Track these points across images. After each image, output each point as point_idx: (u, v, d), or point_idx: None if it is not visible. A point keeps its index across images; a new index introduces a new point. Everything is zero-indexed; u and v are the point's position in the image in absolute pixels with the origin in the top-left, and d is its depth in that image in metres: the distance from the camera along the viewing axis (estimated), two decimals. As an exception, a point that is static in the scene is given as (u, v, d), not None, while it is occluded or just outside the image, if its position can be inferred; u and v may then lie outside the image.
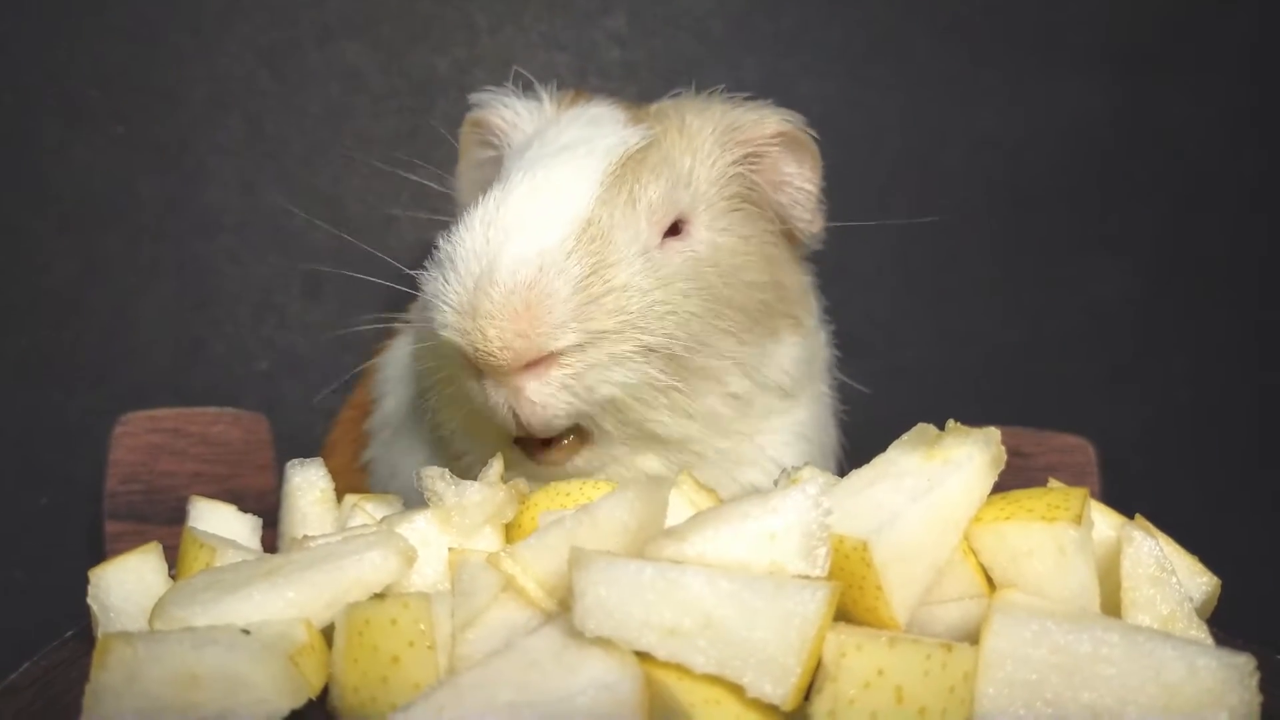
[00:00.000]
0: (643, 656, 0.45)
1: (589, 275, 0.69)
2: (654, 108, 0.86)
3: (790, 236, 0.88)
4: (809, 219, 0.87)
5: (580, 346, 0.68)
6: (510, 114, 0.84)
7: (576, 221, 0.70)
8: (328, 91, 1.34)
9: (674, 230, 0.77)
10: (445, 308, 0.69)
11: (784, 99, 1.39)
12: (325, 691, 0.51)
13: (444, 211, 1.03)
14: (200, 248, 1.33)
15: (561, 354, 0.68)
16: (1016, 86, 1.42)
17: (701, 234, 0.79)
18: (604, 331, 0.69)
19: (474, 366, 0.69)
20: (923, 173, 1.41)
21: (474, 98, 0.87)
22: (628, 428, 0.73)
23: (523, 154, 0.77)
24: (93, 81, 1.30)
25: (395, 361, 0.96)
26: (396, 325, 0.99)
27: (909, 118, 1.41)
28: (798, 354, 0.85)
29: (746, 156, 0.84)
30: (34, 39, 1.28)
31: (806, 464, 0.72)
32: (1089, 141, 1.43)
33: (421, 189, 1.37)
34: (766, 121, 0.84)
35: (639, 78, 1.37)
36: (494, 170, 0.83)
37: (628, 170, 0.75)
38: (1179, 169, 1.45)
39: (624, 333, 0.69)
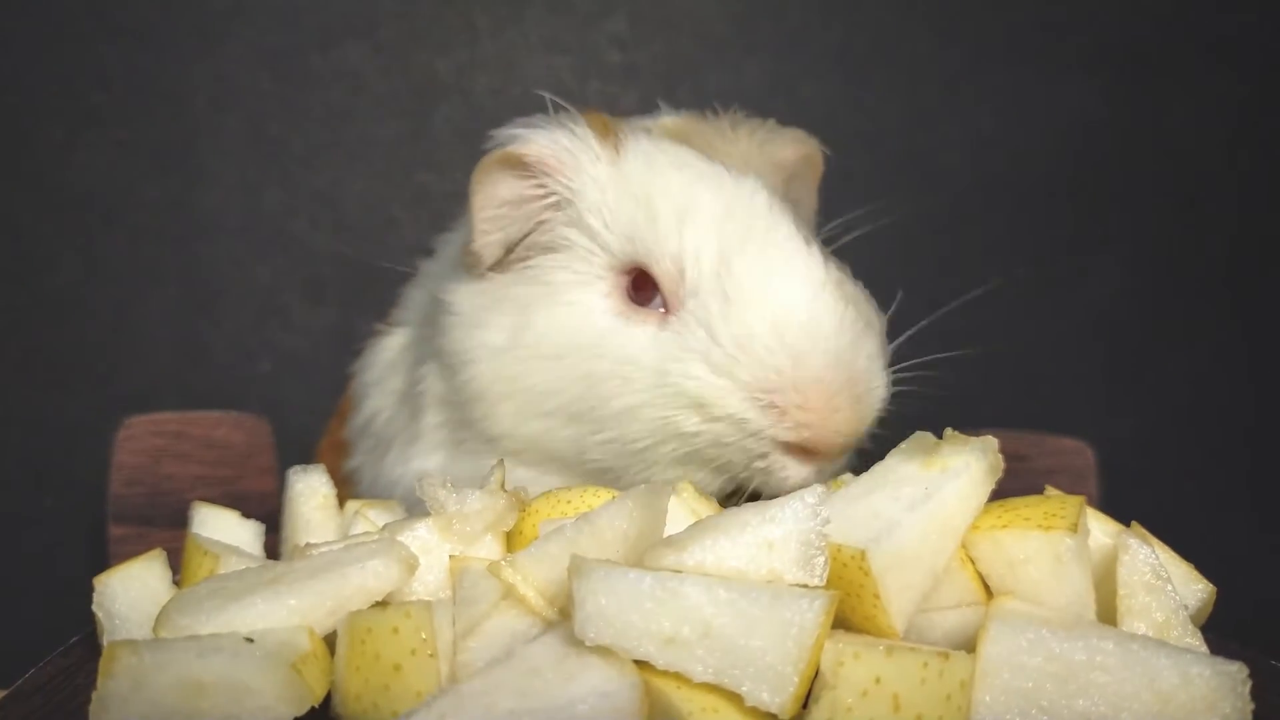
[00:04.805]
0: (642, 665, 0.45)
1: (876, 348, 0.75)
2: (682, 128, 0.85)
3: None
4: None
5: None
6: (567, 155, 0.79)
7: (842, 301, 0.73)
8: (329, 94, 1.34)
9: None
10: (795, 408, 0.71)
11: (785, 101, 1.40)
12: (328, 699, 0.52)
13: (445, 214, 1.04)
14: (202, 250, 1.34)
15: None
16: (1016, 88, 1.42)
17: None
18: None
19: (800, 450, 0.72)
20: (923, 174, 1.41)
21: (508, 133, 0.81)
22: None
23: (672, 226, 0.75)
24: (95, 84, 1.30)
25: (377, 363, 0.94)
26: (378, 327, 0.98)
27: (909, 119, 1.41)
28: None
29: (787, 180, 0.85)
30: (37, 42, 1.29)
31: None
32: (1088, 143, 1.44)
33: (423, 191, 1.38)
34: (801, 144, 0.87)
35: (640, 80, 1.37)
36: (539, 209, 0.79)
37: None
38: (1177, 170, 1.45)
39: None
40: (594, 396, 0.74)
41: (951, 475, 0.54)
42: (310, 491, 0.69)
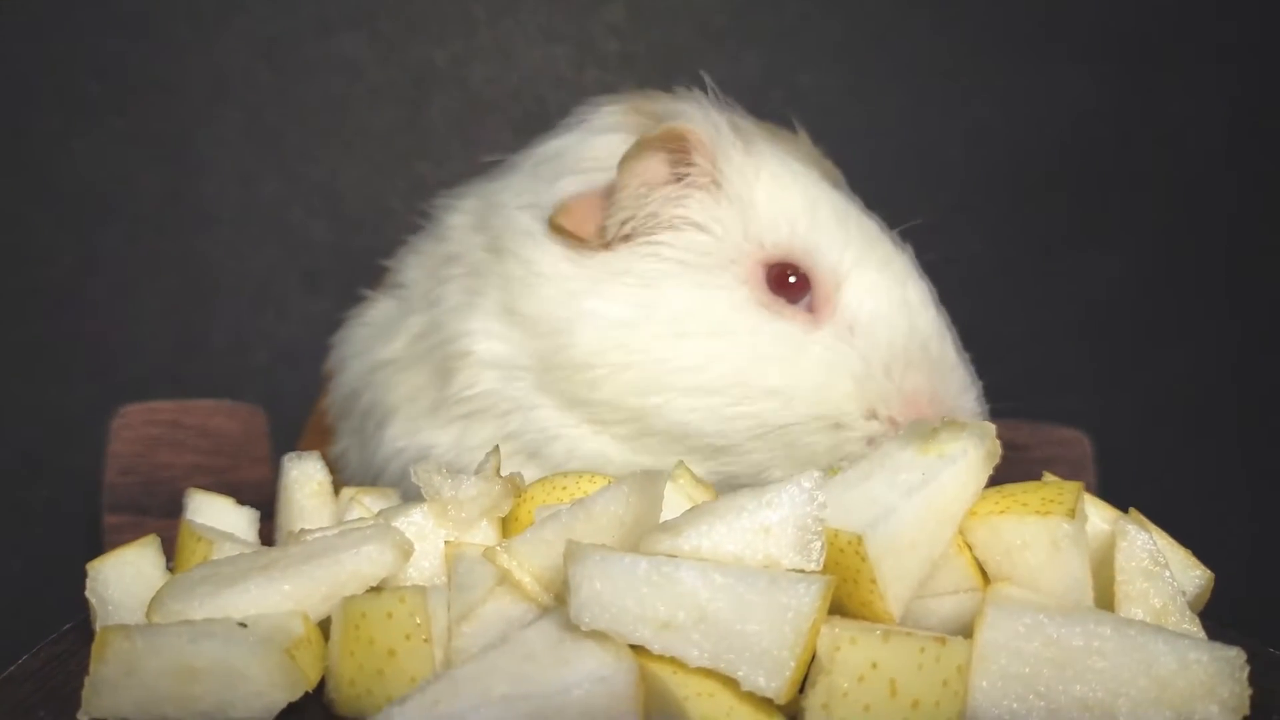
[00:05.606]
0: (638, 650, 0.45)
1: None
2: (770, 129, 0.88)
3: None
4: None
5: None
6: (719, 138, 0.80)
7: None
8: (326, 84, 1.34)
9: None
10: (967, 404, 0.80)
11: (784, 91, 1.40)
12: (322, 684, 0.51)
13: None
14: (199, 240, 1.33)
15: None
16: (1015, 79, 1.42)
17: None
18: None
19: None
20: (922, 165, 1.41)
21: (668, 108, 0.82)
22: None
23: (836, 240, 0.80)
24: (92, 74, 1.30)
25: (355, 336, 0.93)
26: (366, 294, 0.97)
27: (908, 110, 1.41)
28: None
29: None
30: (33, 32, 1.28)
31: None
32: (1087, 134, 1.43)
33: (419, 180, 1.37)
34: (834, 173, 0.91)
35: (638, 70, 1.37)
36: (682, 188, 0.80)
37: None
38: (1177, 162, 1.45)
39: None
40: (742, 374, 0.77)
41: (949, 461, 0.53)
42: (305, 478, 0.69)
